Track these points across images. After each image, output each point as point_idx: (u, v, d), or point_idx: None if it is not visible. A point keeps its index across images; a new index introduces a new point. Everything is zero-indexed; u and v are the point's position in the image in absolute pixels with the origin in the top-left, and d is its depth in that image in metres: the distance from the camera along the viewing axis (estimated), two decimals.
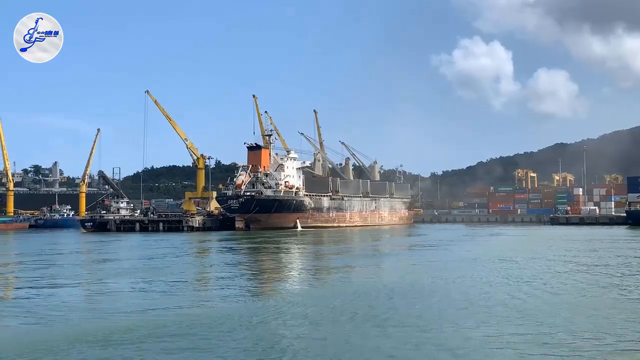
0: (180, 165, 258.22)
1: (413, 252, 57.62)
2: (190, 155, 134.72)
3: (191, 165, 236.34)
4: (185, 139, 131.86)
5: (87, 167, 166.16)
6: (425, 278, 33.84)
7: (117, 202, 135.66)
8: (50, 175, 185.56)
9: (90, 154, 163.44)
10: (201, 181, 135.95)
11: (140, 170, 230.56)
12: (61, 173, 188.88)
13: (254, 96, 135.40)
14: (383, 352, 17.10)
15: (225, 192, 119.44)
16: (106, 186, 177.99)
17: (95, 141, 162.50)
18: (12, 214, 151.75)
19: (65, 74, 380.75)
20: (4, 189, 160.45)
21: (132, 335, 19.35)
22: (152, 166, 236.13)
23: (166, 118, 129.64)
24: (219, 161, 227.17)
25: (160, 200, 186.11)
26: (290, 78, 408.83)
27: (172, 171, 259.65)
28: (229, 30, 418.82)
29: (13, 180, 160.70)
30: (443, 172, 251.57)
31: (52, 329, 21.02)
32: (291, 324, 21.20)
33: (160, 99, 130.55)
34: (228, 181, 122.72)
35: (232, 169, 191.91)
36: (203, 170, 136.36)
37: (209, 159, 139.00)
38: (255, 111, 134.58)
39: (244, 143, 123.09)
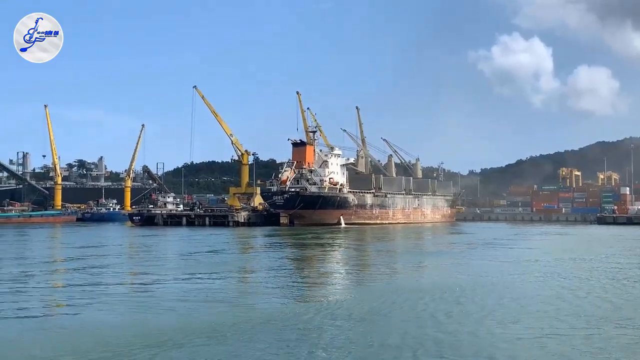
0: (219, 161, 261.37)
1: (473, 250, 56.73)
2: (235, 150, 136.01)
3: (230, 160, 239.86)
4: (230, 134, 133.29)
5: (132, 161, 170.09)
6: (505, 276, 33.58)
7: (164, 197, 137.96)
8: (95, 170, 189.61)
9: (135, 148, 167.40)
10: (245, 177, 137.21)
11: (180, 166, 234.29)
12: (105, 168, 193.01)
13: (297, 93, 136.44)
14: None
15: (269, 187, 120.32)
16: (150, 181, 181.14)
17: (140, 136, 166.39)
18: (60, 207, 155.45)
19: (104, 69, 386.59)
20: (52, 182, 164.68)
21: (236, 328, 19.91)
22: (192, 161, 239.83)
23: (212, 113, 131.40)
24: (257, 157, 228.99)
25: (201, 196, 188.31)
26: (331, 74, 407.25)
27: (211, 167, 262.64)
28: (263, 26, 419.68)
29: (61, 174, 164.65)
30: (481, 169, 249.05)
31: (157, 321, 21.64)
32: (391, 320, 21.43)
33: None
34: (273, 177, 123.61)
35: (270, 165, 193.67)
36: (247, 166, 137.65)
37: (253, 154, 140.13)
38: (299, 108, 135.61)
39: (288, 139, 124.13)
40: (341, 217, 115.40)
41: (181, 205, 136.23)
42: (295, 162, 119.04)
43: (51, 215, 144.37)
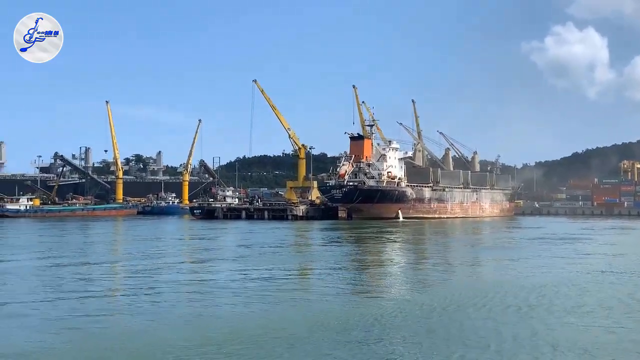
0: (271, 155, 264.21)
1: (551, 245, 55.13)
2: (292, 144, 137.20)
3: (281, 154, 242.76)
4: (288, 128, 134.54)
5: (189, 156, 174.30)
6: (606, 272, 33.12)
7: (224, 191, 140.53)
8: (152, 164, 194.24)
9: (192, 143, 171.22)
10: (302, 170, 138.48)
11: (233, 160, 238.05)
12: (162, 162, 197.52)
13: (353, 87, 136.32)
14: None
15: (327, 181, 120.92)
16: (206, 175, 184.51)
17: (197, 131, 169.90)
18: (122, 201, 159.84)
19: (159, 66, 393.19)
20: (113, 177, 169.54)
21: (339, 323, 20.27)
22: (244, 156, 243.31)
23: (271, 107, 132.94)
24: (309, 151, 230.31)
25: (254, 189, 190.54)
26: (386, 68, 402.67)
27: (263, 161, 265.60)
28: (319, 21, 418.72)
29: (122, 169, 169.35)
30: (536, 162, 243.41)
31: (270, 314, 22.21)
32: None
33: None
34: (330, 171, 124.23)
35: (321, 159, 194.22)
36: (304, 160, 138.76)
37: (310, 149, 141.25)
38: (355, 101, 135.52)
39: (345, 132, 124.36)
40: (399, 211, 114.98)
41: (236, 199, 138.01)
42: (353, 156, 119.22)
43: (113, 209, 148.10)
